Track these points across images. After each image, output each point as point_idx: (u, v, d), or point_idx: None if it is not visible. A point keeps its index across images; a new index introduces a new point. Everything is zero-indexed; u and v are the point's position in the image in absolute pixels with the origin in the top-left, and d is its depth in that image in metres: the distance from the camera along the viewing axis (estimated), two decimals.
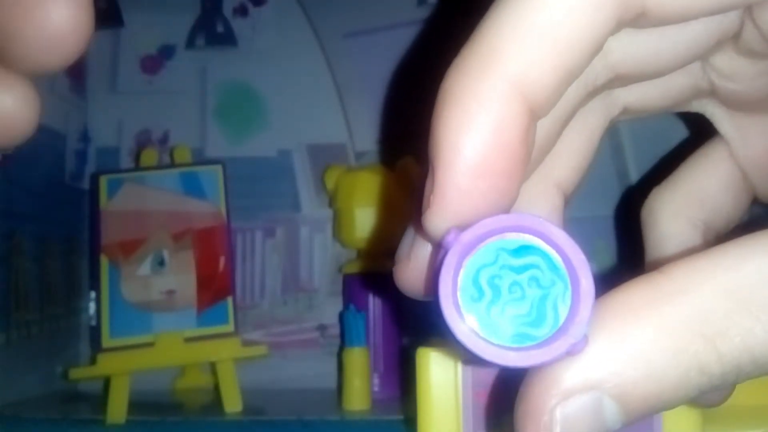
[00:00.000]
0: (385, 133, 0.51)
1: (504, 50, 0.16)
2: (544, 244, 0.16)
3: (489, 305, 0.15)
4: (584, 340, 0.15)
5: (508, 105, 0.16)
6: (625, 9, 0.17)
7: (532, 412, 0.16)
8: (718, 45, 0.20)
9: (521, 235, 0.16)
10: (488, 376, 0.23)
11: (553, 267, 0.16)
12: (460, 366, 0.23)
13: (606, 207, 0.49)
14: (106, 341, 0.40)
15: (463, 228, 0.16)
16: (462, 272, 0.16)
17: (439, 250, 0.16)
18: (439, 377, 0.23)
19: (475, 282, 0.16)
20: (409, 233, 0.20)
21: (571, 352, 0.15)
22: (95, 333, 0.41)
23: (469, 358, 0.15)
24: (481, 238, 0.16)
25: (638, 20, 0.17)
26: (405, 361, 0.45)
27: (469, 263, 0.16)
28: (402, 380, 0.45)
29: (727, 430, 0.25)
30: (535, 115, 0.17)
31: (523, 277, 0.16)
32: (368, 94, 0.51)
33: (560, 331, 0.15)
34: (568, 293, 0.15)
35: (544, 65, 0.16)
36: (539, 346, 0.15)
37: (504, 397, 0.23)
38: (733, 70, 0.21)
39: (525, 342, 0.15)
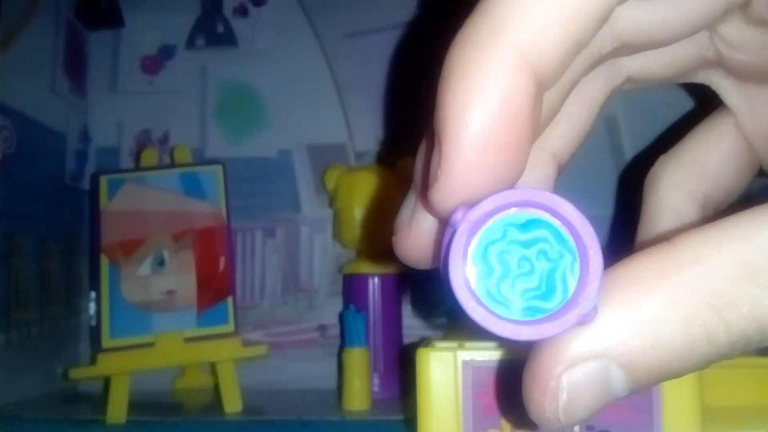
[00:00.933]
0: (385, 133, 0.51)
1: (511, 20, 0.16)
2: (551, 217, 0.16)
3: (499, 281, 0.15)
4: (594, 310, 0.15)
5: (516, 76, 0.16)
6: None
7: (539, 380, 0.16)
8: (726, 13, 0.19)
9: (529, 209, 0.16)
10: (488, 376, 0.23)
11: (561, 240, 0.16)
12: (460, 366, 0.23)
13: (604, 207, 0.49)
14: (106, 341, 0.40)
15: (471, 205, 0.16)
16: (471, 249, 0.16)
17: (447, 226, 0.16)
18: (439, 377, 0.23)
19: (485, 258, 0.16)
20: (409, 201, 0.20)
21: (582, 323, 0.15)
22: (95, 333, 0.41)
23: (481, 334, 0.15)
24: (489, 215, 0.16)
25: None
26: (405, 361, 0.45)
27: (478, 240, 0.16)
28: (402, 380, 0.45)
29: (727, 430, 0.25)
30: (542, 86, 0.16)
31: (532, 252, 0.16)
32: (368, 94, 0.51)
33: (570, 303, 0.15)
34: (577, 265, 0.15)
35: (551, 35, 0.16)
36: (550, 318, 0.15)
37: (508, 386, 0.23)
38: (742, 39, 0.20)
39: (535, 315, 0.15)
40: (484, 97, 0.16)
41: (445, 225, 0.17)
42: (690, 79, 0.23)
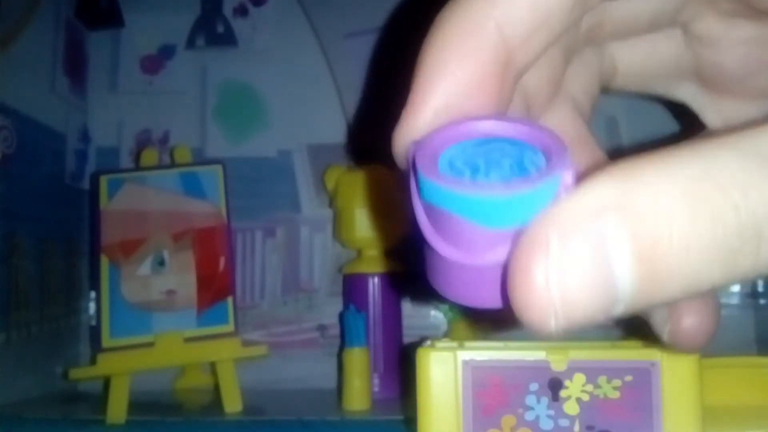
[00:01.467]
0: (385, 133, 0.51)
1: None
2: (503, 134, 0.16)
3: (472, 177, 0.15)
4: (573, 178, 0.14)
5: (488, 51, 0.17)
6: None
7: (524, 266, 0.13)
8: (695, 4, 0.20)
9: (479, 132, 0.16)
10: (488, 376, 0.23)
11: (518, 143, 0.16)
12: (460, 366, 0.23)
13: None
14: (106, 341, 0.40)
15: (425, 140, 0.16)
16: (437, 165, 0.15)
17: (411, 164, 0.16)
18: (439, 377, 0.23)
19: (452, 166, 0.15)
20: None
21: (566, 188, 0.14)
22: (95, 333, 0.41)
23: (469, 230, 0.15)
24: (445, 139, 0.16)
25: None
26: (405, 361, 0.45)
27: (440, 159, 0.16)
28: (402, 380, 0.45)
29: (727, 430, 0.26)
30: (514, 65, 0.18)
31: (494, 154, 0.15)
32: (368, 94, 0.51)
33: (548, 168, 0.15)
34: (540, 154, 0.15)
35: (521, 7, 0.17)
36: (533, 178, 0.14)
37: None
38: (712, 35, 0.21)
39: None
40: (454, 65, 0.17)
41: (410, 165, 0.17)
42: (671, 93, 0.24)
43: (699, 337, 0.22)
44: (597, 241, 0.13)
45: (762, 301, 0.47)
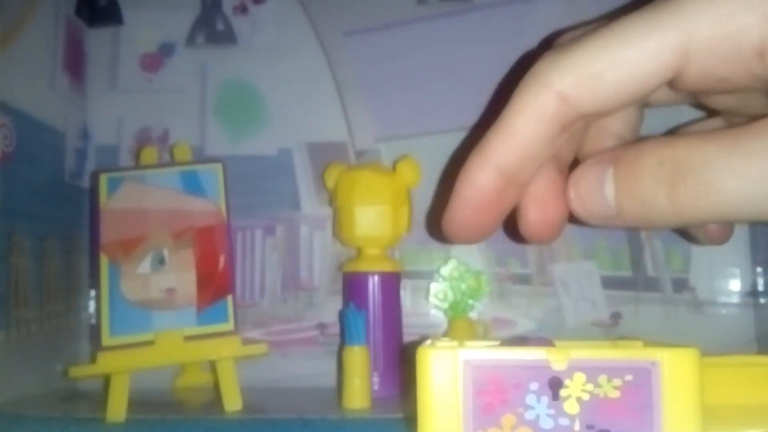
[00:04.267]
0: (385, 132, 0.51)
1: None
2: None
3: None
4: None
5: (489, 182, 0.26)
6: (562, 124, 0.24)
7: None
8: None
9: None
10: (489, 375, 0.23)
11: None
12: (460, 365, 0.23)
13: None
14: (106, 340, 0.40)
15: None
16: None
17: None
18: (440, 376, 0.23)
19: None
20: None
21: None
22: (95, 331, 0.41)
23: None
24: None
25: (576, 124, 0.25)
26: (405, 359, 0.45)
27: None
28: (402, 379, 0.45)
29: (727, 430, 0.25)
30: (512, 181, 0.26)
31: None
32: (368, 92, 0.51)
33: None
34: None
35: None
36: None
37: None
38: (672, 100, 0.28)
39: None
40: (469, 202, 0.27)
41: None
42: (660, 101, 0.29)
43: (724, 236, 0.33)
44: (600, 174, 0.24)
45: (762, 300, 0.47)
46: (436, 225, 0.30)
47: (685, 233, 0.35)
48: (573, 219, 0.27)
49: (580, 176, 0.25)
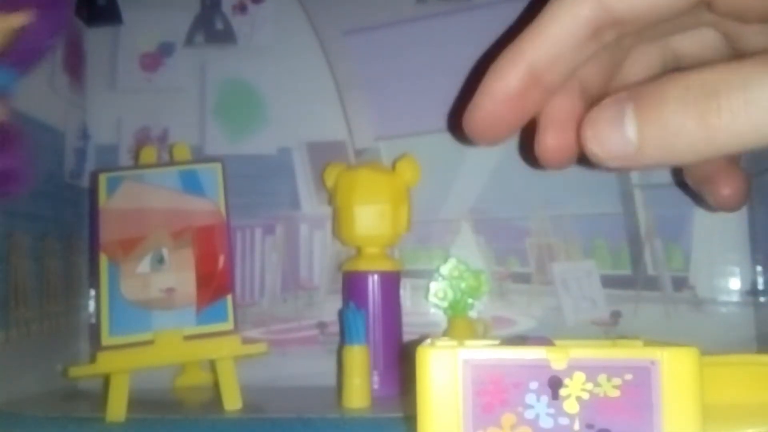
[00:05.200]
0: (384, 131, 0.51)
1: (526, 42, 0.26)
2: None
3: None
4: None
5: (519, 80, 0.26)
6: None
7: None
8: None
9: None
10: (488, 374, 0.23)
11: None
12: (460, 364, 0.23)
13: (605, 204, 0.49)
14: (106, 339, 0.40)
15: None
16: None
17: None
18: (440, 375, 0.23)
19: None
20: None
21: None
22: (95, 331, 0.41)
23: None
24: None
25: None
26: (405, 359, 0.45)
27: None
28: (402, 378, 0.45)
29: (727, 429, 0.25)
30: (539, 81, 0.26)
31: None
32: (368, 92, 0.51)
33: None
34: None
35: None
36: None
37: None
38: (707, 44, 0.28)
39: None
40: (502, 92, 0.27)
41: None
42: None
43: (737, 202, 0.31)
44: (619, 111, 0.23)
45: (762, 299, 0.47)
46: (457, 126, 0.30)
47: (696, 195, 0.33)
48: (586, 161, 0.26)
49: (597, 114, 0.23)
